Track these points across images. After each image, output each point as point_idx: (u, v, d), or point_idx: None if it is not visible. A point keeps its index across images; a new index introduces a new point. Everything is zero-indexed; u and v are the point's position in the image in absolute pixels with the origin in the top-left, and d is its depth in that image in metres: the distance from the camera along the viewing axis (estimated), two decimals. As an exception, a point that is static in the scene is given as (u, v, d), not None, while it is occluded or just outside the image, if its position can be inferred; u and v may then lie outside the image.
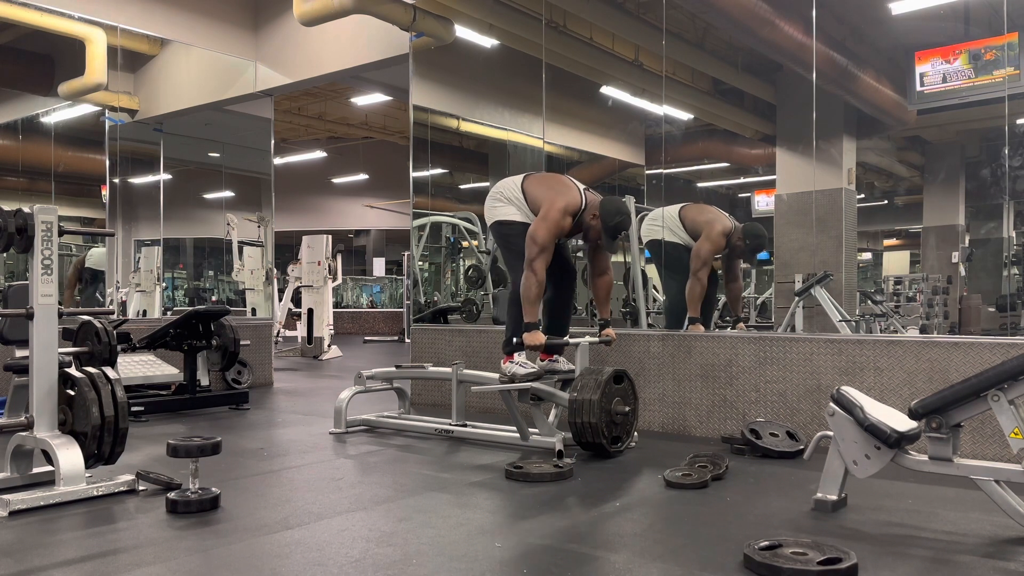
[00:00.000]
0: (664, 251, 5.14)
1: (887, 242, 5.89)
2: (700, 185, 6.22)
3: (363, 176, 19.39)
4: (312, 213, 19.86)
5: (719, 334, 4.73)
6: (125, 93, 6.99)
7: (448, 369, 4.45)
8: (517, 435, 4.06)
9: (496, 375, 4.20)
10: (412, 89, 6.19)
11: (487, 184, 6.45)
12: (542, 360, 4.19)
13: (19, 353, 4.53)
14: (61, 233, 3.13)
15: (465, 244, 7.71)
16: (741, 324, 5.10)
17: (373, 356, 11.06)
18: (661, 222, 5.14)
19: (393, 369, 4.83)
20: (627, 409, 3.89)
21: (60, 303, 3.13)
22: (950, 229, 5.12)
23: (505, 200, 4.19)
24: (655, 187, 5.35)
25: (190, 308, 6.57)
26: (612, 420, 3.82)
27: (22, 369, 3.66)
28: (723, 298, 5.40)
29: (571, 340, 4.16)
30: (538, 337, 3.95)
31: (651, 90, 5.62)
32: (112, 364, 3.49)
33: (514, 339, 4.08)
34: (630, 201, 5.82)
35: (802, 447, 3.85)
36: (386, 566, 2.25)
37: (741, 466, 3.65)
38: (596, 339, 4.25)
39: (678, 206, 5.18)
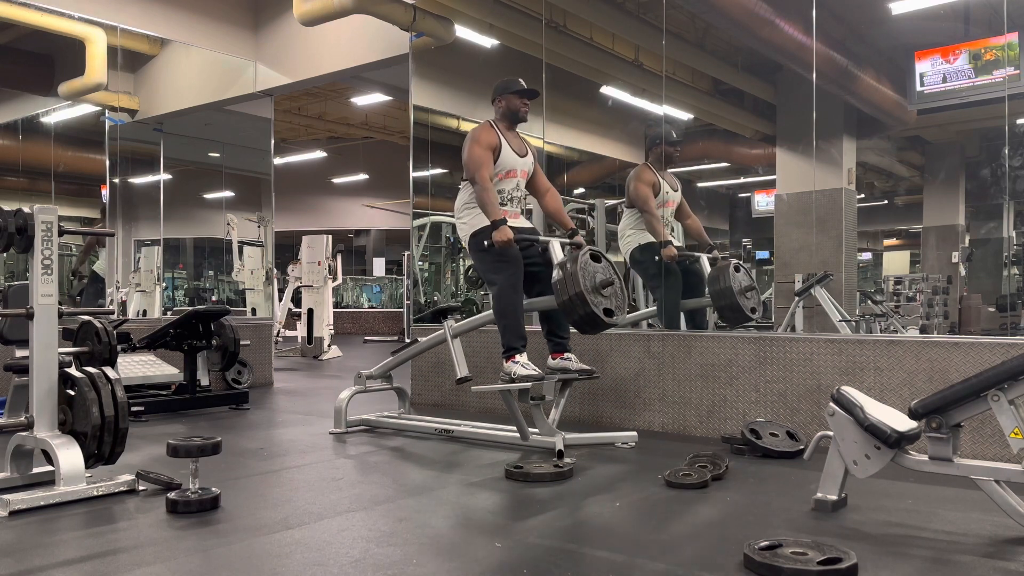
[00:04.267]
0: (632, 258, 5.17)
1: (887, 242, 5.89)
2: (700, 185, 6.22)
3: (363, 176, 19.40)
4: (312, 213, 19.86)
5: (719, 334, 4.73)
6: (125, 93, 6.98)
7: (441, 329, 4.50)
8: (517, 435, 4.06)
9: (481, 315, 4.37)
10: (412, 89, 6.19)
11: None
12: (554, 359, 4.19)
13: (19, 353, 4.53)
14: (61, 233, 3.13)
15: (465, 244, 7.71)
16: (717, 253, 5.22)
17: (373, 356, 11.06)
18: (622, 233, 5.22)
19: (390, 359, 4.83)
20: (613, 280, 3.95)
21: (60, 303, 3.13)
22: (950, 229, 5.13)
23: (470, 207, 4.27)
24: (655, 187, 5.35)
25: (190, 308, 6.57)
26: (600, 292, 3.88)
27: (22, 369, 3.66)
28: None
29: (541, 237, 4.22)
30: (505, 232, 3.98)
31: (651, 90, 5.62)
32: (112, 364, 3.48)
33: (508, 343, 4.08)
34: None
35: (802, 447, 3.85)
36: (386, 566, 2.25)
37: (741, 466, 3.65)
38: (568, 240, 4.25)
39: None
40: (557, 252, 4.15)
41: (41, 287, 3.07)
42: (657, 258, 5.03)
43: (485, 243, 4.08)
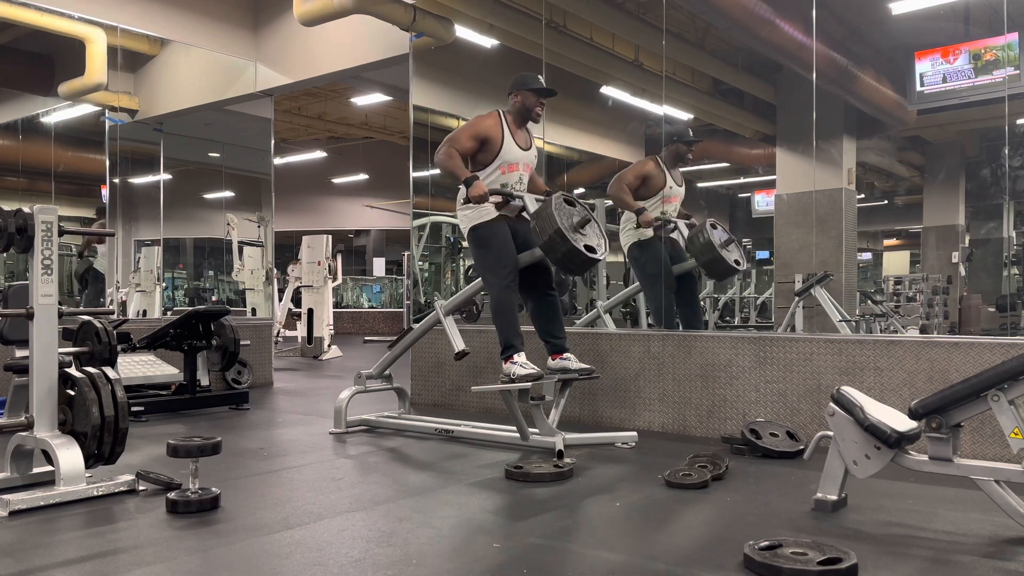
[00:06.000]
0: (630, 253, 5.18)
1: (887, 242, 5.90)
2: (700, 185, 6.22)
3: (363, 176, 19.40)
4: (312, 213, 19.86)
5: (719, 334, 4.73)
6: (125, 93, 6.98)
7: (433, 312, 4.55)
8: (517, 435, 4.06)
9: (468, 288, 4.45)
10: (412, 89, 6.19)
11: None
12: (553, 360, 4.19)
13: (19, 353, 4.53)
14: (61, 233, 3.13)
15: (465, 244, 7.71)
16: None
17: (373, 356, 11.05)
18: (622, 227, 5.23)
19: (388, 354, 4.84)
20: (589, 219, 4.03)
21: (60, 303, 3.13)
22: (950, 229, 5.13)
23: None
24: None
25: (190, 308, 6.57)
26: (578, 230, 3.94)
27: (22, 369, 3.65)
28: (722, 299, 5.40)
29: (516, 194, 4.23)
30: (480, 187, 4.04)
31: (651, 90, 5.62)
32: (112, 364, 3.49)
33: (506, 342, 4.09)
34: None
35: (802, 447, 3.85)
36: (386, 566, 2.25)
37: (741, 466, 3.65)
38: (542, 197, 4.29)
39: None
40: (531, 205, 4.21)
41: (41, 287, 3.06)
42: (636, 225, 5.03)
43: (461, 199, 4.15)
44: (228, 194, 8.29)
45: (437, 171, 6.50)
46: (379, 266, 20.54)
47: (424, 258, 8.41)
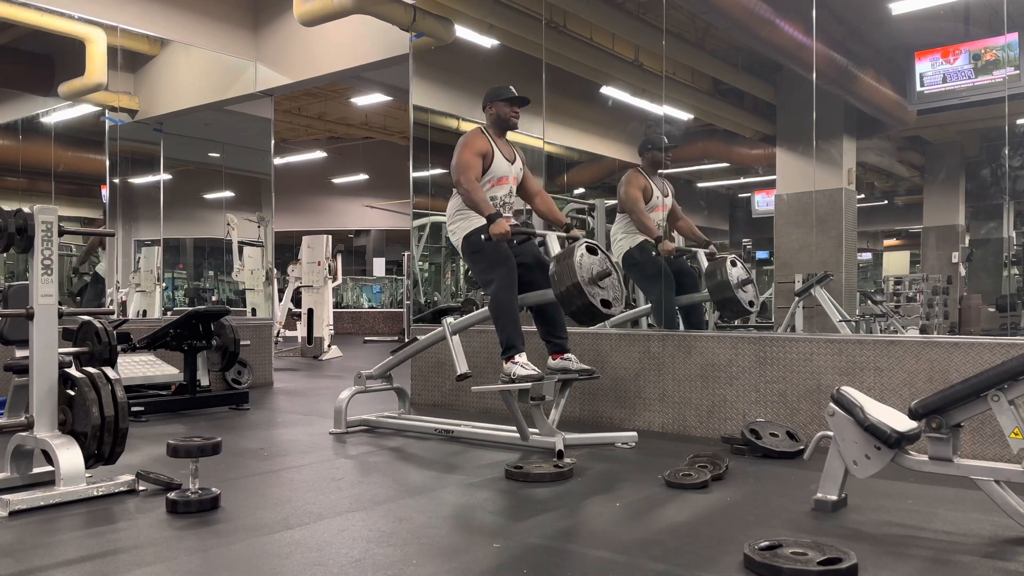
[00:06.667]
0: (628, 259, 5.17)
1: (887, 242, 5.89)
2: (700, 185, 6.22)
3: (363, 176, 19.40)
4: (312, 213, 19.86)
5: (719, 334, 4.73)
6: (125, 93, 6.98)
7: (440, 327, 4.53)
8: (517, 435, 4.06)
9: (478, 312, 4.43)
10: (412, 89, 6.19)
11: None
12: (554, 360, 4.19)
13: (19, 353, 4.53)
14: (61, 233, 3.13)
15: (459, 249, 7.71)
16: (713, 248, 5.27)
17: (373, 356, 11.06)
18: (614, 237, 5.24)
19: (390, 358, 4.84)
20: (610, 272, 3.98)
21: (60, 303, 3.13)
22: (950, 229, 5.12)
23: (461, 213, 4.29)
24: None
25: (190, 308, 6.57)
26: (596, 284, 3.90)
27: (22, 369, 3.65)
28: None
29: (539, 231, 4.24)
30: (502, 225, 4.01)
31: (651, 90, 5.62)
32: (112, 364, 3.49)
33: (507, 343, 4.09)
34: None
35: (802, 447, 3.85)
36: (386, 566, 2.25)
37: (741, 466, 3.65)
38: (564, 234, 4.29)
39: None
40: (554, 245, 4.17)
41: (41, 287, 3.06)
42: (655, 253, 5.03)
43: (482, 236, 4.11)
44: (228, 194, 8.29)
45: (437, 171, 6.53)
46: (379, 266, 20.54)
47: (424, 258, 8.41)
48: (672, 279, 5.06)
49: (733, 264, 4.89)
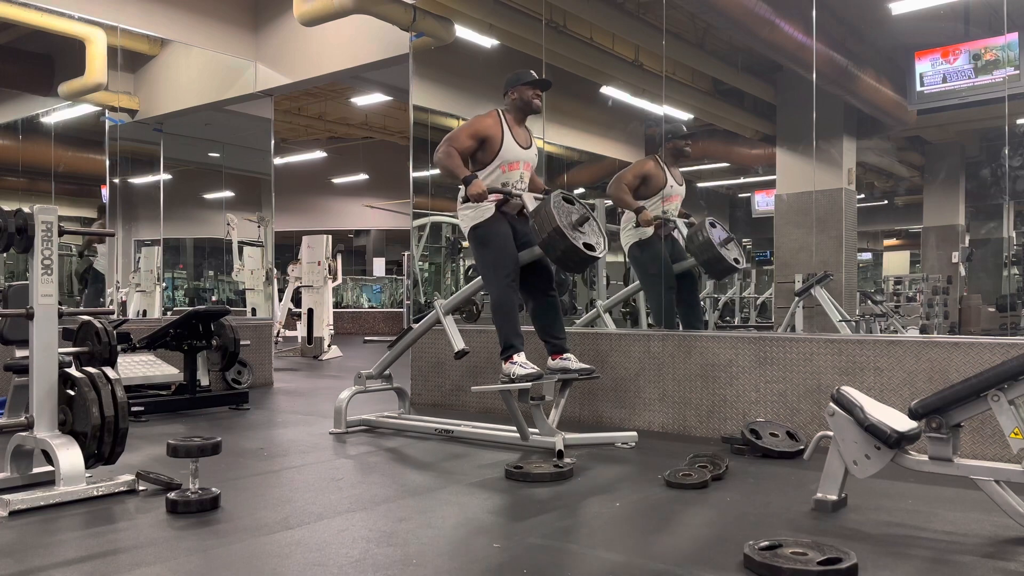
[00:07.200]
0: (630, 253, 5.18)
1: (887, 242, 5.89)
2: (700, 185, 6.22)
3: (363, 176, 19.39)
4: (312, 213, 19.85)
5: (719, 334, 4.73)
6: (125, 93, 6.98)
7: (432, 311, 4.57)
8: (517, 435, 4.06)
9: (468, 287, 4.47)
10: (412, 89, 6.19)
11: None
12: (553, 360, 4.19)
13: (19, 353, 4.53)
14: (61, 233, 3.13)
15: (465, 244, 7.71)
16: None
17: (373, 356, 11.05)
18: (623, 227, 5.23)
19: (387, 354, 4.85)
20: (588, 217, 4.07)
21: (60, 303, 3.13)
22: (950, 229, 5.13)
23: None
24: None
25: (190, 308, 6.57)
26: (577, 228, 3.97)
27: (22, 369, 3.66)
28: (722, 299, 5.39)
29: (514, 192, 4.25)
30: (478, 185, 4.07)
31: (651, 90, 5.62)
32: (112, 364, 3.48)
33: (506, 342, 4.09)
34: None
35: (802, 447, 3.85)
36: (386, 566, 2.25)
37: (741, 466, 3.65)
38: (540, 196, 4.33)
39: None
40: (529, 203, 4.22)
41: (41, 287, 3.06)
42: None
43: (461, 198, 4.15)
44: (228, 194, 8.29)
45: (437, 171, 6.51)
46: (379, 266, 20.53)
47: (424, 258, 8.40)
48: (672, 278, 5.07)
49: (712, 225, 4.93)
